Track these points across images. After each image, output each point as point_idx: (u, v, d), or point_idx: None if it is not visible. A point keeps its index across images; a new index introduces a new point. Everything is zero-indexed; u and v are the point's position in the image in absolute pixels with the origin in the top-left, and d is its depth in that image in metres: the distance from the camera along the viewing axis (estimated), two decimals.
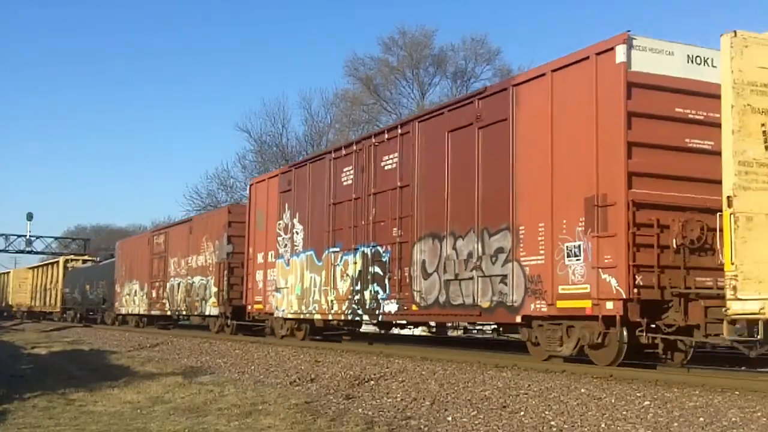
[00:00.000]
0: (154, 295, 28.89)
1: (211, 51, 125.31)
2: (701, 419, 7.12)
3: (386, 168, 14.93)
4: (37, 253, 63.51)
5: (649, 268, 9.78)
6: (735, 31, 8.84)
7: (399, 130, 14.79)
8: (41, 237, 62.95)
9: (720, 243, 8.73)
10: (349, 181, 16.16)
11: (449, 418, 7.89)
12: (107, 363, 15.36)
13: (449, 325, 16.06)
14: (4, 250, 61.64)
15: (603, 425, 7.21)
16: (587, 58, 10.48)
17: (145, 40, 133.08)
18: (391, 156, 14.82)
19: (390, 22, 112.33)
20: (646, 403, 7.90)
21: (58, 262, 48.64)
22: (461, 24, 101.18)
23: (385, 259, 14.67)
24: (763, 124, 8.68)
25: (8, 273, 62.20)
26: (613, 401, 8.10)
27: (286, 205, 18.88)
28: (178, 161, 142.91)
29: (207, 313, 23.84)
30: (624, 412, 7.59)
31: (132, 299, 31.78)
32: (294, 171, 18.91)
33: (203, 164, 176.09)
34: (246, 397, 9.47)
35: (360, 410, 8.61)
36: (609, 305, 9.91)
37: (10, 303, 58.17)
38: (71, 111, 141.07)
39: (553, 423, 7.41)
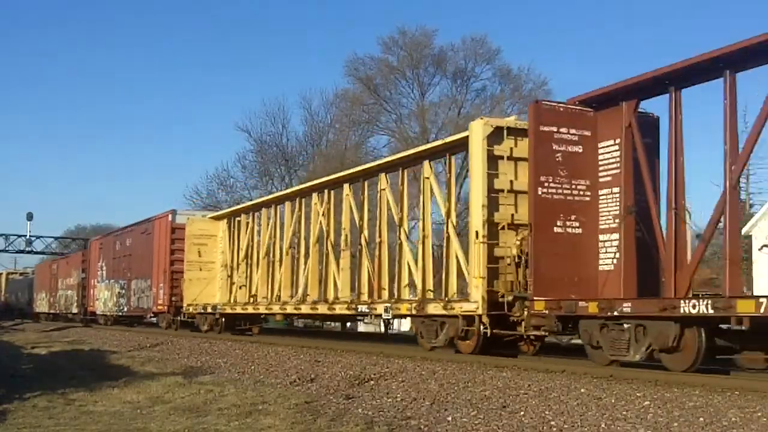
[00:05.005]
0: (51, 300, 46.54)
1: (211, 51, 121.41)
2: (701, 419, 7.17)
3: (128, 245, 32.70)
4: (37, 253, 63.47)
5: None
6: (189, 218, 26.90)
7: (132, 228, 32.76)
8: (41, 237, 63.08)
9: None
10: (118, 248, 33.94)
11: (449, 418, 7.94)
12: (107, 363, 15.45)
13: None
14: (4, 250, 61.75)
15: (603, 425, 7.25)
16: (166, 216, 28.36)
17: (145, 40, 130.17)
18: (129, 239, 32.64)
19: (390, 22, 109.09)
20: (646, 403, 7.98)
21: (2, 274, 66.05)
22: (461, 24, 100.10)
23: (125, 287, 32.42)
24: (198, 249, 26.56)
25: None
26: (613, 401, 8.19)
27: (101, 255, 36.68)
28: (178, 161, 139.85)
29: (73, 312, 41.53)
30: (624, 412, 7.66)
31: (42, 303, 49.31)
32: (103, 239, 36.95)
33: (203, 164, 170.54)
34: (246, 397, 9.50)
35: (360, 410, 8.67)
36: (165, 308, 27.70)
37: None
38: (71, 111, 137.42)
39: (553, 423, 7.47)
